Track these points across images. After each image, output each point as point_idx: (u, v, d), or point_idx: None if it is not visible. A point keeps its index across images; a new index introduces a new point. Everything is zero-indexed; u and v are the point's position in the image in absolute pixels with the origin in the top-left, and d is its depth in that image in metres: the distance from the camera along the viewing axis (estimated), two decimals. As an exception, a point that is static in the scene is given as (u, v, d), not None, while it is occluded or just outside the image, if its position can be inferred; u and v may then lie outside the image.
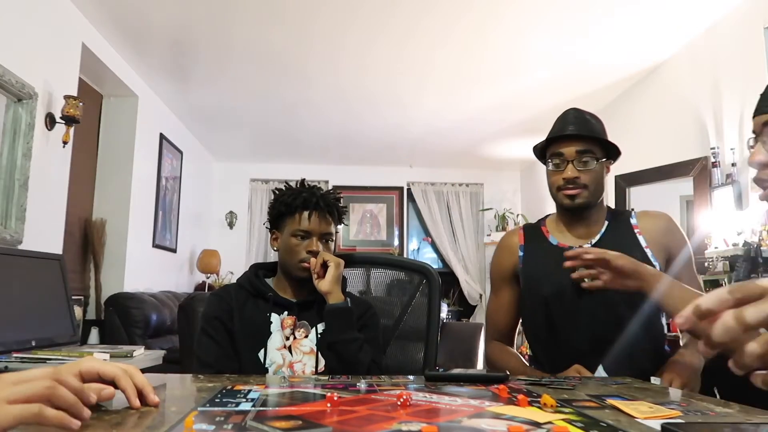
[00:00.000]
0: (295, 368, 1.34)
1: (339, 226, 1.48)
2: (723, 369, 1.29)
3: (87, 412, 0.59)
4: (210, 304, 1.41)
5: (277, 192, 1.46)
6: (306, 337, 1.37)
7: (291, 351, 1.36)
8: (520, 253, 1.51)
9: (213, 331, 1.36)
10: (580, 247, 1.39)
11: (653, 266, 1.38)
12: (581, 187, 1.40)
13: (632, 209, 1.54)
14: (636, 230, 1.45)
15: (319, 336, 1.36)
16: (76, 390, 0.60)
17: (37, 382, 0.57)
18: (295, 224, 1.39)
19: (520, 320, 1.57)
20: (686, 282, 1.42)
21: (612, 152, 1.46)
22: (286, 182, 1.54)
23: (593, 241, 1.44)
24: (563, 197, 1.43)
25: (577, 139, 1.41)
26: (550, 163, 1.45)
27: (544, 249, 1.48)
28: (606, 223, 1.47)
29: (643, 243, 1.42)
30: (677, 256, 1.43)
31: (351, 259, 1.58)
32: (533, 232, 1.55)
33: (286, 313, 1.40)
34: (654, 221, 1.47)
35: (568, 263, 1.23)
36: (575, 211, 1.44)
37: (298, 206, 1.39)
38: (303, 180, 1.49)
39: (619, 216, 1.50)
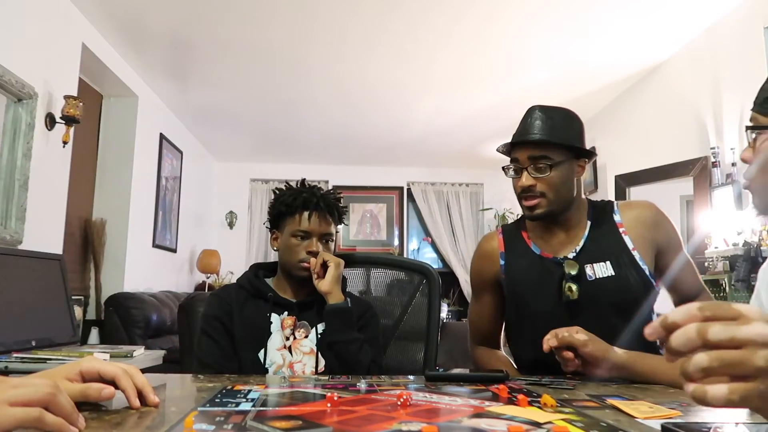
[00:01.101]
0: (295, 368, 1.33)
1: (339, 227, 1.47)
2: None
3: (82, 424, 0.60)
4: (210, 304, 1.41)
5: (277, 192, 1.46)
6: (306, 337, 1.37)
7: (291, 351, 1.35)
8: (502, 262, 1.45)
9: (213, 332, 1.35)
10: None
11: (642, 271, 1.33)
12: (538, 195, 1.33)
13: (614, 202, 1.45)
14: (621, 229, 1.37)
15: (319, 336, 1.36)
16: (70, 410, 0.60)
17: (38, 387, 0.57)
18: (295, 224, 1.39)
19: (504, 331, 1.51)
20: (683, 273, 1.38)
21: (584, 151, 1.37)
22: (287, 182, 1.53)
23: (577, 249, 1.37)
24: (524, 208, 1.38)
25: (532, 144, 1.33)
26: (510, 170, 1.39)
27: (527, 259, 1.42)
28: (588, 224, 1.40)
29: (630, 244, 1.35)
30: (667, 248, 1.37)
31: (351, 259, 1.58)
32: (513, 237, 1.48)
33: (286, 313, 1.39)
34: (638, 214, 1.39)
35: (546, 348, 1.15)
36: (541, 219, 1.38)
37: (298, 206, 1.39)
38: (303, 180, 1.48)
39: (602, 213, 1.42)
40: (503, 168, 1.42)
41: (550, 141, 1.32)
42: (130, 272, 3.99)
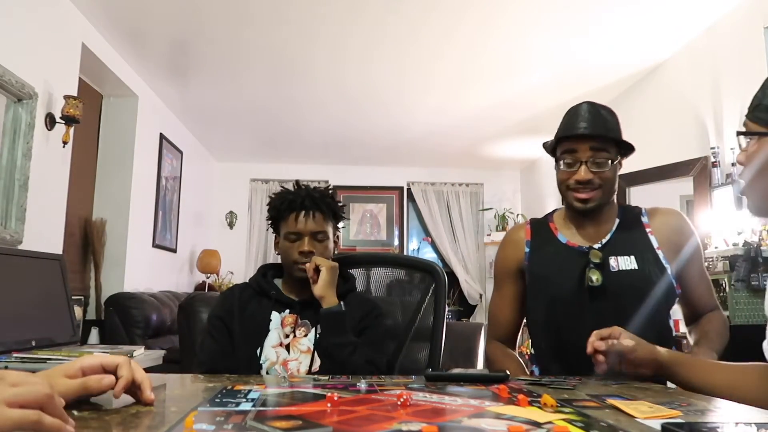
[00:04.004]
0: (289, 366, 1.34)
1: (340, 224, 1.49)
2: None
3: (71, 429, 0.59)
4: (215, 305, 1.47)
5: (272, 197, 1.50)
6: (305, 336, 1.39)
7: (289, 349, 1.38)
8: (526, 249, 1.47)
9: (214, 330, 1.40)
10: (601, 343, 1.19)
11: (664, 268, 1.36)
12: (596, 188, 1.35)
13: (642, 207, 1.48)
14: (648, 230, 1.41)
15: (317, 336, 1.38)
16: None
17: (36, 388, 0.57)
18: (286, 227, 1.43)
19: (524, 319, 1.54)
20: (696, 279, 1.42)
21: (624, 147, 1.42)
22: (281, 186, 1.57)
23: (603, 241, 1.40)
24: (574, 199, 1.38)
25: (592, 138, 1.35)
26: (562, 162, 1.39)
27: (552, 247, 1.45)
28: (617, 221, 1.43)
29: (655, 244, 1.39)
30: (688, 254, 1.40)
31: (355, 259, 1.60)
32: (540, 227, 1.50)
33: (287, 311, 1.41)
34: (665, 219, 1.43)
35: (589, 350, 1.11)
36: (586, 212, 1.41)
37: (285, 209, 1.42)
38: (297, 182, 1.52)
39: (630, 214, 1.45)
40: (556, 160, 1.42)
41: (609, 136, 1.36)
42: (130, 272, 3.99)
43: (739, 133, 0.97)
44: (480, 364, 4.39)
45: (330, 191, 1.50)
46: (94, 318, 3.66)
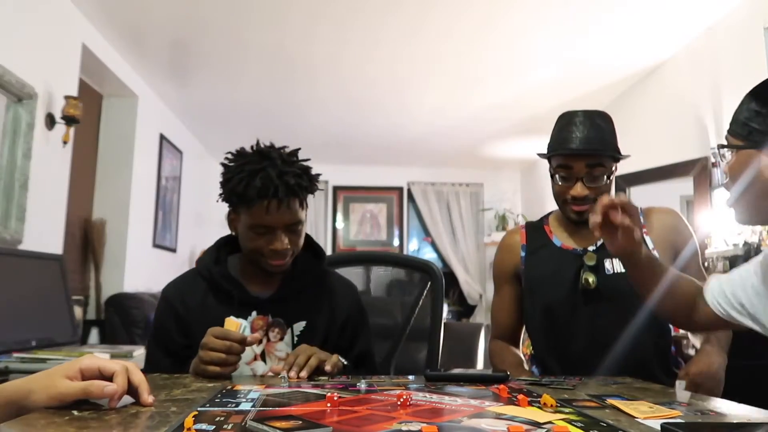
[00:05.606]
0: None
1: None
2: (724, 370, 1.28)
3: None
4: (159, 309, 1.25)
5: (226, 165, 1.18)
6: (281, 339, 1.19)
7: (265, 357, 1.18)
8: (522, 254, 1.48)
9: (161, 346, 1.22)
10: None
11: None
12: (592, 201, 1.35)
13: (638, 207, 1.50)
14: (642, 230, 1.42)
15: (296, 338, 1.19)
16: None
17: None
18: (251, 217, 1.13)
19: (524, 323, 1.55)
20: (693, 275, 1.42)
21: (620, 153, 1.41)
22: (238, 151, 1.21)
23: (598, 244, 1.40)
24: (570, 212, 1.39)
25: (590, 156, 1.34)
26: (558, 176, 1.39)
27: (547, 251, 1.45)
28: None
29: (651, 244, 1.39)
30: (685, 253, 1.40)
31: (353, 258, 1.59)
32: (536, 231, 1.51)
33: (254, 313, 1.19)
34: (661, 218, 1.44)
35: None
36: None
37: (252, 197, 1.11)
38: (257, 147, 1.20)
39: None
40: (551, 174, 1.41)
41: (606, 153, 1.35)
42: (130, 272, 3.98)
43: (719, 147, 1.01)
44: (480, 364, 4.39)
45: (305, 164, 1.21)
46: (94, 318, 3.66)
